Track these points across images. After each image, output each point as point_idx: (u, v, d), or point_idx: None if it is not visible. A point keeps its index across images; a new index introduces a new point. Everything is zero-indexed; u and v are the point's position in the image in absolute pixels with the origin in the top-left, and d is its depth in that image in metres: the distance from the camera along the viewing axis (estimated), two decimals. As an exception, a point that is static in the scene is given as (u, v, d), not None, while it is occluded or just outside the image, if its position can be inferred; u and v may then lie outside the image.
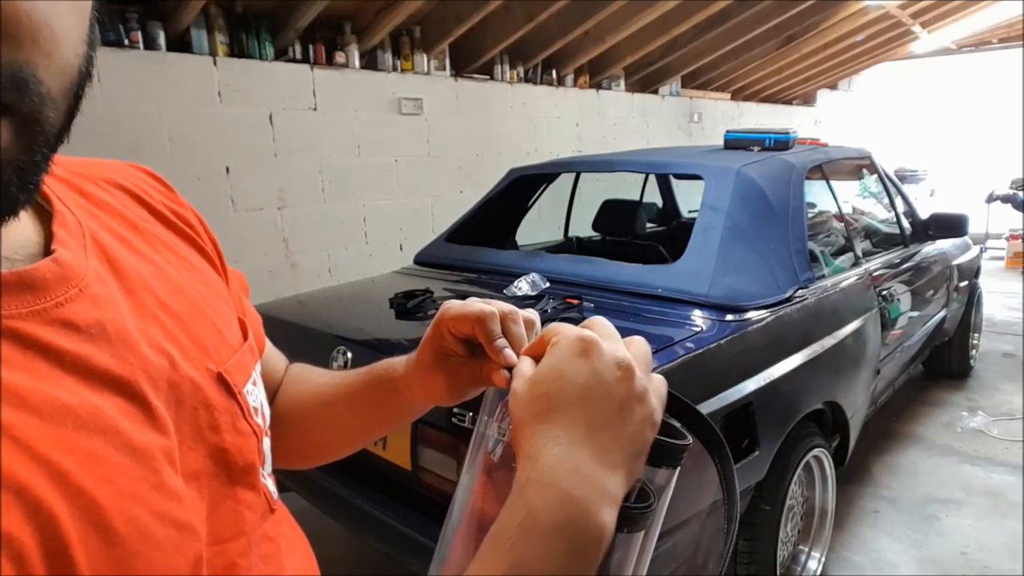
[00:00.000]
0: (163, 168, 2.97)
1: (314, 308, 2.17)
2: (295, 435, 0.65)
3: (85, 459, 0.32)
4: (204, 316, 0.46)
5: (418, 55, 4.14)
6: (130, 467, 0.35)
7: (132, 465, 0.35)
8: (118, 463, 0.34)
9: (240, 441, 0.44)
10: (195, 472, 0.40)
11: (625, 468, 0.38)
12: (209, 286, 0.49)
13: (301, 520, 0.61)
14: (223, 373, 0.45)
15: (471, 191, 4.20)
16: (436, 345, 0.53)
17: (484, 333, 0.48)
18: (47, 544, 0.30)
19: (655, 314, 1.80)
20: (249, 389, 0.48)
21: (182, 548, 0.36)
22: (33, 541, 0.29)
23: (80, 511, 0.31)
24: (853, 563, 2.28)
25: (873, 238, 2.95)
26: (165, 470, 0.37)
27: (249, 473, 0.45)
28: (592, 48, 4.95)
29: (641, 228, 3.01)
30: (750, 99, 7.75)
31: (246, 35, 3.36)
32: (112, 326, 0.37)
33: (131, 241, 0.45)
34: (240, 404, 0.46)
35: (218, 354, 0.45)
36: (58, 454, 0.31)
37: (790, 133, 2.48)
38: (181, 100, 3.07)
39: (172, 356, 0.41)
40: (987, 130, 10.37)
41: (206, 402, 0.42)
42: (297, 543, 0.52)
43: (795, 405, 1.86)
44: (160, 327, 0.41)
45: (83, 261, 0.38)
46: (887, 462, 2.99)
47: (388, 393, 0.59)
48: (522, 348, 0.47)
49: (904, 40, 7.53)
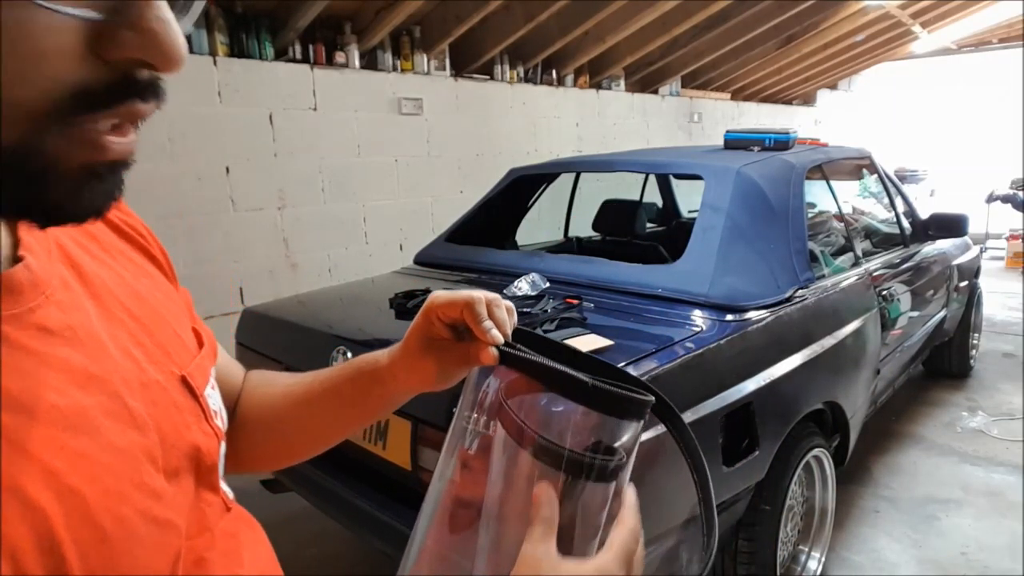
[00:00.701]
0: (163, 168, 2.97)
1: (314, 308, 2.17)
2: (272, 435, 0.66)
3: (74, 459, 0.33)
4: (164, 321, 0.47)
5: (418, 55, 4.14)
6: (115, 466, 0.36)
7: (117, 464, 0.36)
8: (104, 463, 0.35)
9: (207, 442, 0.46)
10: (176, 469, 0.41)
11: None
12: (165, 293, 0.51)
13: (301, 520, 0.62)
14: (186, 376, 0.46)
15: (471, 191, 4.20)
16: (425, 331, 0.56)
17: (472, 316, 0.52)
18: (41, 543, 0.30)
19: (655, 314, 1.79)
20: (209, 392, 0.49)
21: (163, 545, 0.38)
22: (28, 541, 0.30)
23: (71, 510, 0.32)
24: (853, 563, 2.28)
25: (873, 238, 2.95)
26: (146, 468, 0.38)
27: (212, 473, 0.47)
28: (592, 48, 4.95)
29: (641, 228, 3.01)
30: (750, 99, 7.75)
31: (246, 35, 3.36)
32: (82, 330, 0.38)
33: (91, 249, 0.45)
34: (202, 406, 0.47)
35: (179, 358, 0.47)
36: (49, 454, 0.32)
37: (790, 133, 2.48)
38: (181, 100, 3.07)
39: (138, 360, 0.42)
40: (987, 130, 10.36)
41: (175, 403, 0.44)
42: (256, 537, 0.54)
43: (795, 405, 1.86)
44: (126, 331, 0.42)
45: (49, 267, 0.39)
46: (887, 462, 2.99)
47: (372, 384, 0.60)
48: (506, 329, 0.52)
49: (904, 40, 7.53)
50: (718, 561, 1.78)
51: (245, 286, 3.45)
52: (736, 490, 1.64)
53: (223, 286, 3.36)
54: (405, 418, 1.61)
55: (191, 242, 3.15)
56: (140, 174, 2.93)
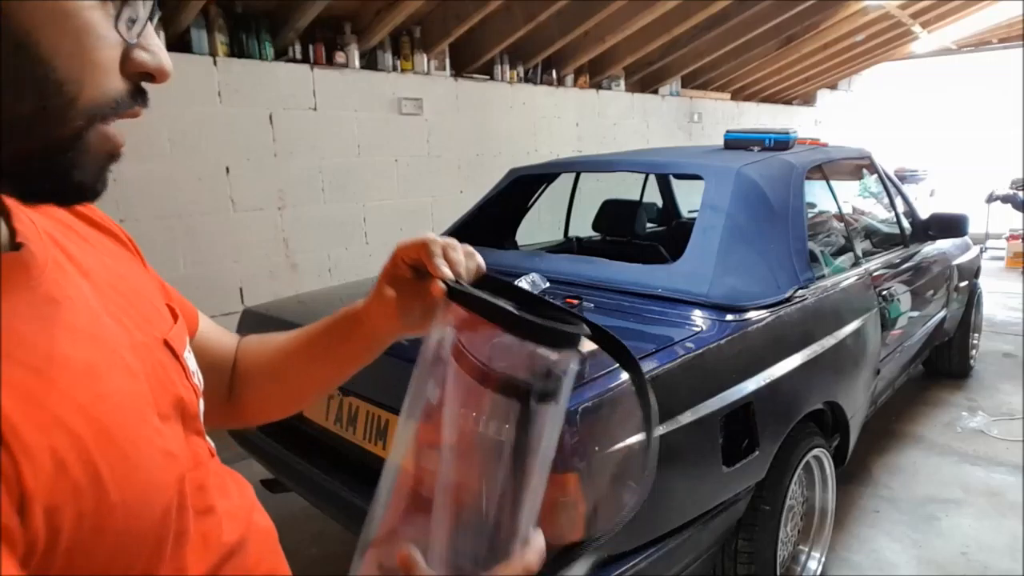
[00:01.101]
0: (163, 168, 2.96)
1: (314, 308, 2.17)
2: (276, 386, 0.75)
3: (93, 397, 0.41)
4: (143, 296, 0.55)
5: (418, 55, 4.14)
6: (125, 405, 0.44)
7: (126, 404, 0.44)
8: (116, 402, 0.43)
9: (188, 395, 0.54)
10: (167, 415, 0.49)
11: None
12: (138, 274, 0.59)
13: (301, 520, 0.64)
14: (167, 340, 0.54)
15: (471, 191, 4.21)
16: (391, 272, 0.64)
17: (426, 252, 0.59)
18: (81, 457, 0.38)
19: (655, 314, 1.79)
20: (187, 356, 0.57)
21: (170, 467, 0.46)
22: (72, 455, 0.38)
23: (98, 434, 0.40)
24: (853, 563, 2.28)
25: (873, 238, 2.95)
26: (147, 410, 0.46)
27: (196, 421, 0.55)
28: (592, 48, 4.95)
29: (641, 228, 3.01)
30: (750, 99, 7.75)
31: (246, 35, 3.36)
32: (79, 301, 0.46)
33: (72, 237, 0.52)
34: (183, 365, 0.55)
35: (159, 327, 0.54)
36: (75, 391, 0.40)
37: (790, 133, 2.48)
38: (181, 100, 3.07)
39: (127, 326, 0.49)
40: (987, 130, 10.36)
41: (160, 362, 0.51)
42: (240, 481, 0.62)
43: (795, 405, 1.86)
44: (113, 303, 0.50)
45: (45, 251, 0.45)
46: (887, 462, 2.99)
47: (352, 325, 0.69)
48: (459, 269, 0.58)
49: (904, 40, 7.53)
50: (718, 561, 1.78)
51: (245, 286, 3.45)
52: (736, 490, 1.64)
53: (223, 286, 3.36)
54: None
55: (191, 242, 3.15)
56: (140, 174, 2.94)
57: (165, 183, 3.02)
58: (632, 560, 1.38)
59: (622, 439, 1.32)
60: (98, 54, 0.38)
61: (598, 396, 1.30)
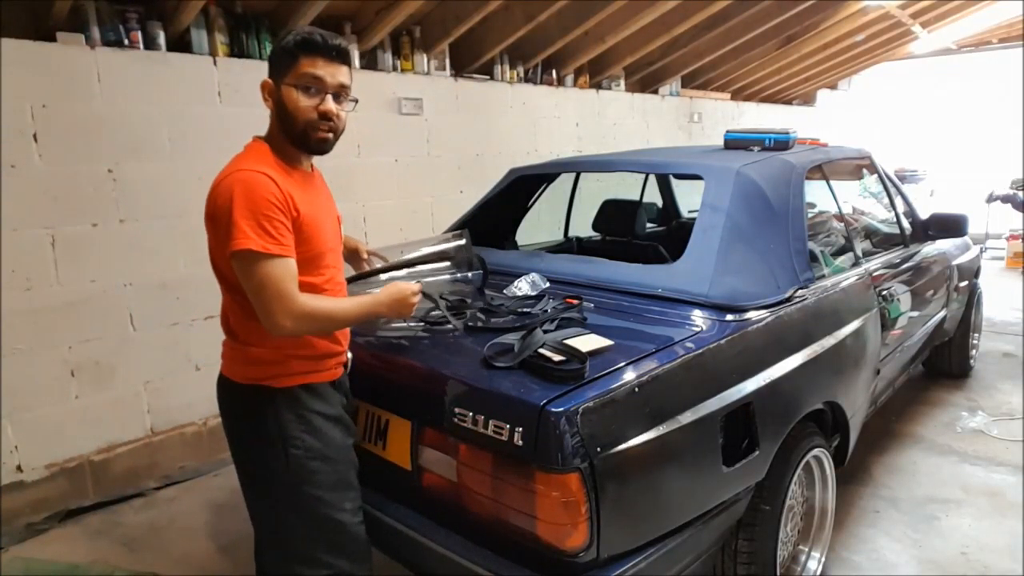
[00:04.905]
0: (163, 168, 2.96)
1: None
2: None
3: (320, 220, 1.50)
4: (332, 201, 1.67)
5: (418, 55, 4.13)
6: (327, 226, 1.55)
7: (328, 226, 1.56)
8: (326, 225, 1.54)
9: (339, 237, 1.67)
10: (335, 232, 1.63)
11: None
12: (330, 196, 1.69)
13: None
14: (338, 217, 1.68)
15: (471, 191, 4.20)
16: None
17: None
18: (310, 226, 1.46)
19: (655, 314, 1.80)
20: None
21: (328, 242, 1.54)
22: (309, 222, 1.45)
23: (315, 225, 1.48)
24: (853, 563, 2.28)
25: (873, 238, 2.95)
26: (332, 232, 1.60)
27: (339, 245, 1.68)
28: (592, 48, 4.95)
29: (641, 228, 3.01)
30: (750, 99, 7.75)
31: (246, 35, 3.35)
32: (323, 192, 1.63)
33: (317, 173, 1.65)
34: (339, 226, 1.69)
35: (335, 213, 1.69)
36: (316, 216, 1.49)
37: (790, 133, 2.48)
38: (181, 100, 3.07)
39: (330, 207, 1.64)
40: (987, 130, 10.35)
41: (336, 220, 1.66)
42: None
43: (795, 405, 1.86)
44: (327, 198, 1.65)
45: (316, 174, 1.64)
46: (887, 462, 2.99)
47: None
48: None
49: (904, 40, 7.52)
50: (718, 561, 1.78)
51: (245, 286, 3.44)
52: (736, 490, 1.64)
53: (223, 286, 3.35)
54: (405, 418, 1.62)
55: (191, 242, 3.14)
56: (140, 174, 2.94)
57: (165, 183, 3.01)
58: (632, 560, 1.38)
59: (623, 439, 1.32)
60: (302, 104, 1.45)
61: (598, 396, 1.30)
